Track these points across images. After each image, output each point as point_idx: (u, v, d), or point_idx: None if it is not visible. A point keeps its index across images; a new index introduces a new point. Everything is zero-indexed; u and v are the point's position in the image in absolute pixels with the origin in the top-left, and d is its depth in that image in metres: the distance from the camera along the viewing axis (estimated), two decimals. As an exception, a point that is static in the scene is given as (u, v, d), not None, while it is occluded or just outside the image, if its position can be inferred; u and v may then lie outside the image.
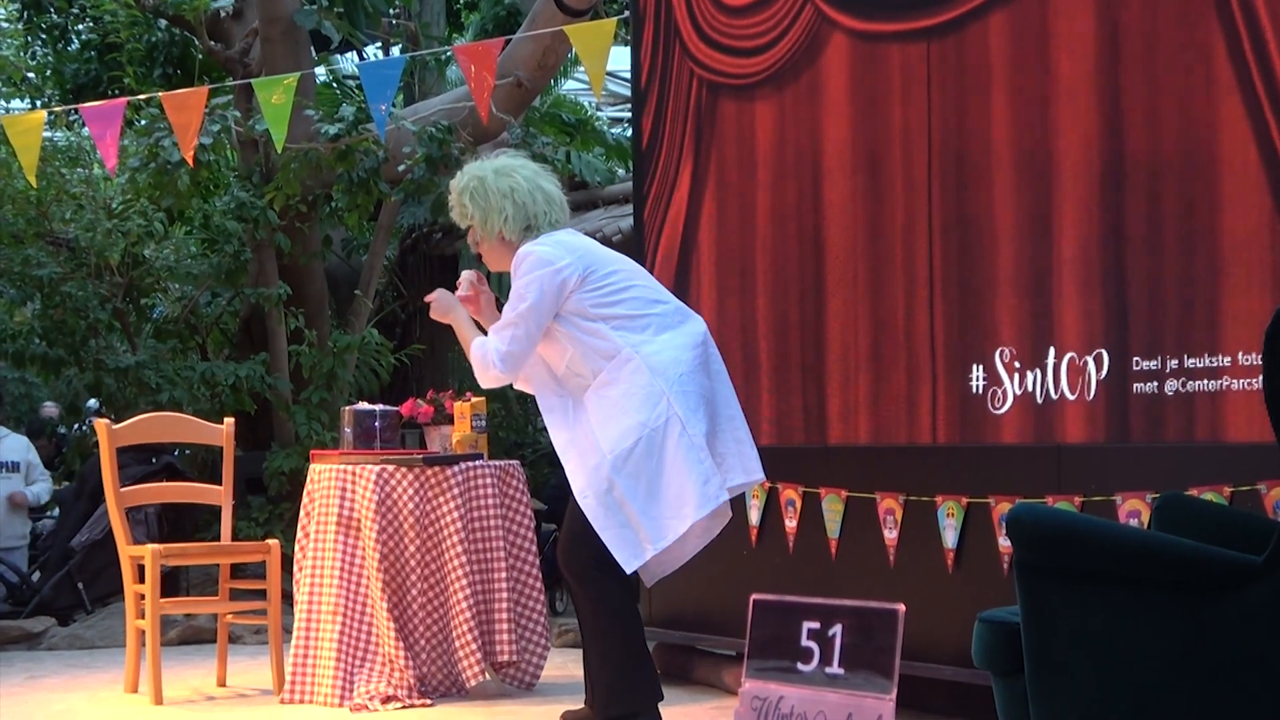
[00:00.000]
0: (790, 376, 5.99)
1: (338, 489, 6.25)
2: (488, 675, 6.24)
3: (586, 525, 5.00)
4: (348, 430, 6.56)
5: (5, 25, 13.55)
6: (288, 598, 6.74)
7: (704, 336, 5.19)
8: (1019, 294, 5.12)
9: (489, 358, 5.13)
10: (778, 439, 6.02)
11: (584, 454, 5.02)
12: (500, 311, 5.31)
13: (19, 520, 9.41)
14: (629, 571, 5.03)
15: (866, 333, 5.66)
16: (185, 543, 7.89)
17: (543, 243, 5.16)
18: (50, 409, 14.35)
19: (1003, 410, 5.16)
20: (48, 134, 10.01)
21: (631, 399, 4.98)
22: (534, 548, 6.44)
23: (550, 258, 5.08)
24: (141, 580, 6.43)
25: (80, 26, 12.39)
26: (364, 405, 6.73)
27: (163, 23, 11.35)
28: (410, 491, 6.18)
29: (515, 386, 5.44)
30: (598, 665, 5.13)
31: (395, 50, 12.93)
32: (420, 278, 11.86)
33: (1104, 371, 4.86)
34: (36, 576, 9.16)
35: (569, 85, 15.27)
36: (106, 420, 6.71)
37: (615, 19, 7.63)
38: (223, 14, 10.54)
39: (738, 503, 5.59)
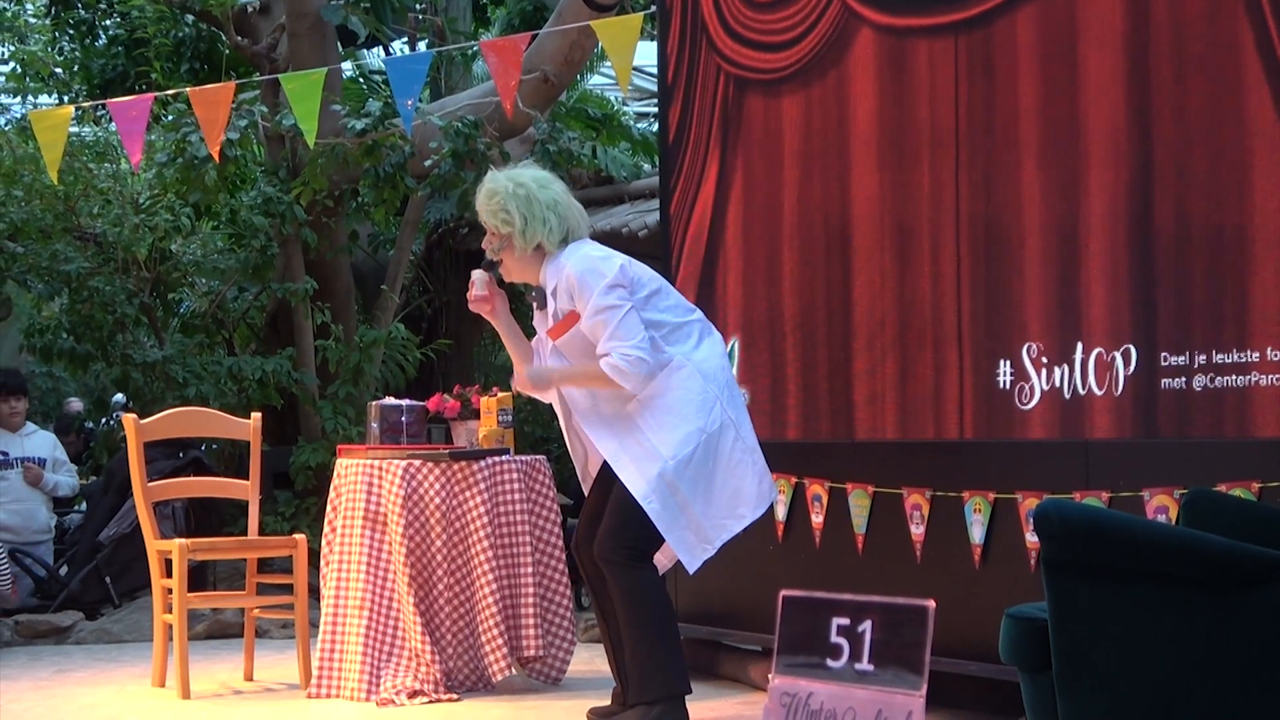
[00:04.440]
0: (817, 371, 5.98)
1: (364, 484, 6.26)
2: (514, 670, 6.25)
3: (627, 517, 5.15)
4: (374, 425, 6.57)
5: (33, 21, 13.59)
6: (314, 592, 6.75)
7: (723, 343, 5.45)
8: (1046, 289, 5.11)
9: (631, 362, 5.05)
10: (804, 434, 6.01)
11: (639, 460, 5.12)
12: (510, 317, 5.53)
13: (43, 511, 9.43)
14: (691, 571, 5.26)
15: (893, 328, 5.65)
16: (212, 537, 7.92)
17: (587, 253, 5.25)
18: (76, 404, 14.39)
19: (1030, 406, 5.15)
20: (75, 129, 10.04)
21: (688, 405, 5.14)
22: (560, 542, 6.44)
23: (609, 259, 5.20)
24: (169, 574, 6.45)
25: (108, 22, 12.43)
26: (390, 400, 6.74)
27: (190, 18, 11.38)
28: (437, 486, 6.18)
29: (525, 392, 5.57)
30: (632, 652, 5.18)
31: (421, 45, 12.96)
32: (446, 273, 11.86)
33: (1132, 367, 4.85)
34: (64, 571, 9.18)
35: (595, 80, 15.27)
36: (134, 415, 6.73)
37: (642, 14, 7.63)
38: (250, 9, 10.57)
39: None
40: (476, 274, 5.46)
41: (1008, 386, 5.22)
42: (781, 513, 6.01)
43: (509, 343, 5.54)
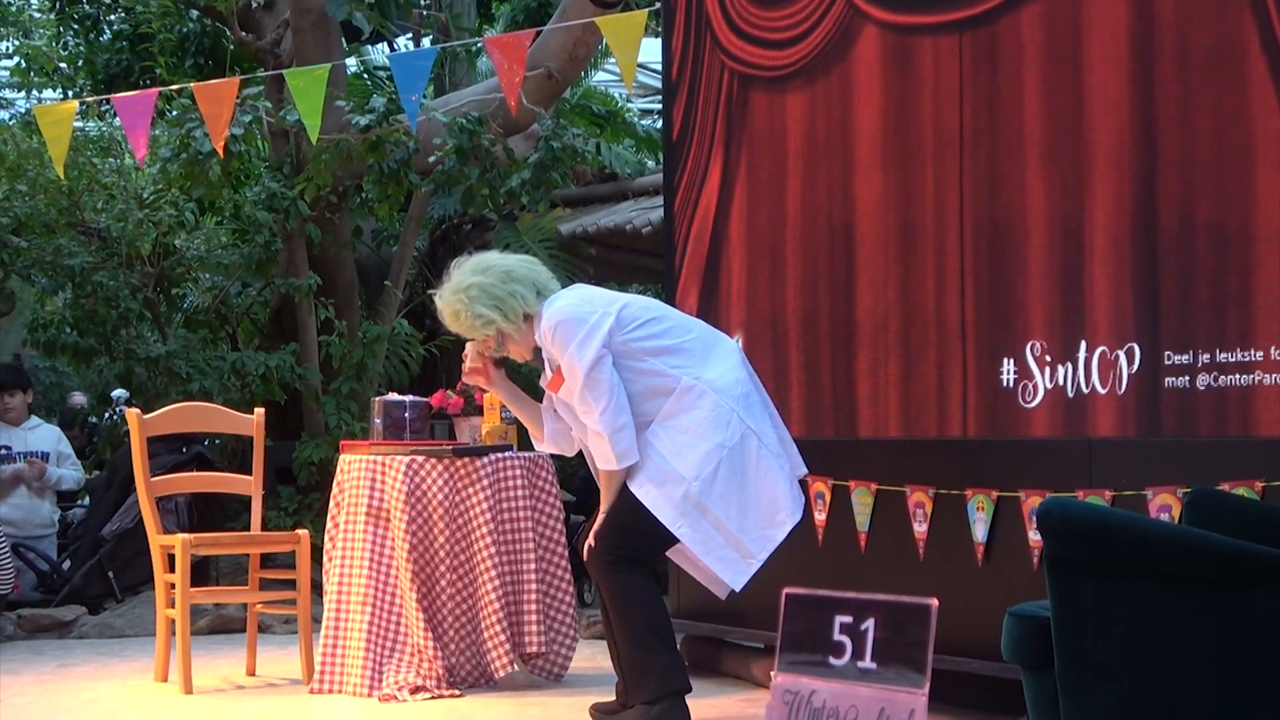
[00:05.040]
0: (820, 369, 5.98)
1: (367, 479, 6.26)
2: (516, 666, 6.25)
3: (616, 524, 5.17)
4: (377, 421, 6.57)
5: (38, 15, 13.61)
6: (317, 588, 6.75)
7: (738, 346, 5.42)
8: (1050, 287, 5.11)
9: (612, 443, 5.10)
10: (807, 431, 6.01)
11: (663, 486, 5.09)
12: (506, 376, 5.63)
13: (46, 505, 9.43)
14: (738, 589, 5.22)
15: (897, 325, 5.65)
16: (215, 532, 7.92)
17: (561, 305, 5.21)
18: (79, 398, 14.38)
19: (1033, 404, 5.15)
20: (79, 124, 10.03)
21: (703, 424, 5.11)
22: (563, 539, 6.45)
23: (580, 315, 5.15)
24: (172, 569, 6.45)
25: (112, 17, 12.43)
26: (394, 396, 6.74)
27: (194, 13, 11.39)
28: (440, 482, 6.18)
29: (544, 449, 5.66)
30: (627, 655, 5.18)
31: (426, 41, 12.94)
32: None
33: (1135, 365, 4.85)
34: (67, 565, 9.18)
35: (600, 77, 15.26)
36: (137, 410, 6.73)
37: (646, 10, 7.63)
38: (254, 5, 10.57)
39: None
40: (469, 348, 5.52)
41: (1011, 385, 5.22)
42: (784, 510, 6.01)
43: (514, 408, 5.65)
